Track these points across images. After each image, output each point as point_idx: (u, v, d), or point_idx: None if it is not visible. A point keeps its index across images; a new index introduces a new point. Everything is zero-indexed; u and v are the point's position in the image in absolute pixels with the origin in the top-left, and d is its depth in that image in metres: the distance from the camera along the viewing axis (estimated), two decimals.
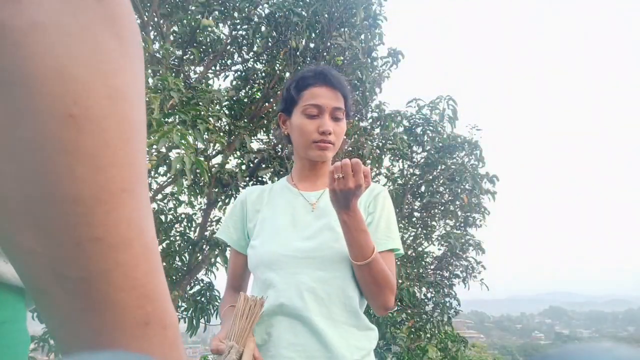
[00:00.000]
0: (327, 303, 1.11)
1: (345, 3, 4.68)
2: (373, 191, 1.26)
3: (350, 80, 5.01)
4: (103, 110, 0.25)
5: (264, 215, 1.24)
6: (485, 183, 6.19)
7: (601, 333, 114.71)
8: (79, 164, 0.24)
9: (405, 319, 6.00)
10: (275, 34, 4.83)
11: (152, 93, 3.50)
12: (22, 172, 0.23)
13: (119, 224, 0.26)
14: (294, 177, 1.31)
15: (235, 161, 5.27)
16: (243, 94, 5.38)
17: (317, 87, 1.20)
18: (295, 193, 1.26)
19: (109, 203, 0.25)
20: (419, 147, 6.24)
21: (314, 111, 1.19)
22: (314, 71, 1.23)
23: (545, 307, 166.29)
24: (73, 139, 0.24)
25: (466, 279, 6.30)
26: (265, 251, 1.16)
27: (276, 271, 1.13)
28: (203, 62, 5.17)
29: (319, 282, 1.11)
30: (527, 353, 53.88)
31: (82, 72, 0.24)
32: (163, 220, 4.88)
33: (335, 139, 1.20)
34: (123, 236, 0.26)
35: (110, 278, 0.26)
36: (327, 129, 1.17)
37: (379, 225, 1.21)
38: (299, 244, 1.14)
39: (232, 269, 1.32)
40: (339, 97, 1.21)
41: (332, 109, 1.19)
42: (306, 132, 1.20)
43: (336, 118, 1.21)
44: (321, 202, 1.23)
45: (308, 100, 1.20)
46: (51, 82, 0.23)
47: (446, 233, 6.27)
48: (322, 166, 1.27)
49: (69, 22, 0.24)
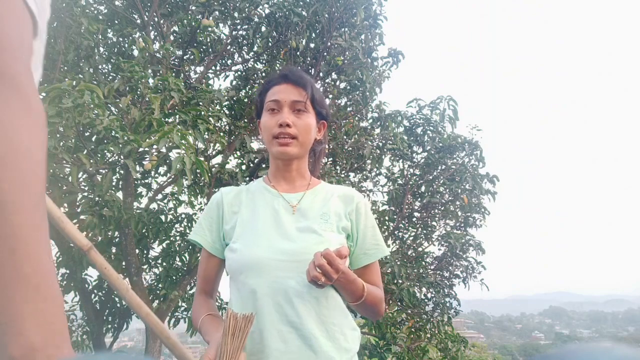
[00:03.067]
0: (315, 306, 1.10)
1: (346, 3, 4.68)
2: (353, 199, 1.26)
3: (351, 80, 5.01)
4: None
5: (243, 217, 1.21)
6: (485, 183, 6.20)
7: (601, 333, 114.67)
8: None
9: (405, 319, 6.00)
10: (275, 34, 4.83)
11: (152, 93, 3.50)
12: None
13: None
14: (270, 178, 1.28)
15: (236, 161, 5.27)
16: (243, 94, 5.38)
17: (278, 85, 1.22)
18: (274, 194, 1.24)
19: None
20: (419, 147, 6.25)
21: (274, 107, 1.20)
22: (278, 74, 1.26)
23: (545, 307, 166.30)
24: None
25: (466, 279, 6.30)
26: (249, 255, 1.13)
27: (261, 276, 1.10)
28: (203, 62, 5.17)
29: (306, 286, 1.09)
30: (527, 353, 53.88)
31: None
32: (163, 220, 4.88)
33: (297, 132, 1.19)
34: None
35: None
36: (284, 121, 1.17)
37: (365, 237, 1.23)
38: (282, 246, 1.12)
39: (204, 273, 1.26)
40: (300, 92, 1.21)
41: (290, 102, 1.20)
42: (267, 128, 1.20)
43: (297, 111, 1.20)
44: (302, 204, 1.21)
45: (269, 98, 1.22)
46: None
47: (446, 233, 6.27)
48: (297, 165, 1.25)
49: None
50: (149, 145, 3.15)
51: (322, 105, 1.26)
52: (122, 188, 4.45)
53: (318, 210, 1.21)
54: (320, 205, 1.22)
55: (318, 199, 1.24)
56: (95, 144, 3.42)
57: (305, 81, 1.22)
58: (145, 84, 3.62)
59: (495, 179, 6.24)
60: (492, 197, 6.25)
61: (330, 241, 1.14)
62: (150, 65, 4.36)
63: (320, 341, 1.07)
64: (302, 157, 1.25)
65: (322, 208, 1.21)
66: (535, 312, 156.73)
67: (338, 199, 1.25)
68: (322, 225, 1.17)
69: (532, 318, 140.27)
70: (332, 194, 1.26)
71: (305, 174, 1.28)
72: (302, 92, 1.21)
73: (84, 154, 3.34)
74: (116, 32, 4.76)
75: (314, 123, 1.23)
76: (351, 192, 1.28)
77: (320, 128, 1.29)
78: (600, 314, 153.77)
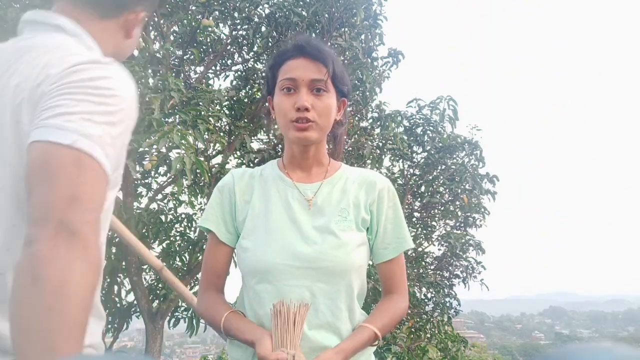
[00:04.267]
0: (329, 319, 1.02)
1: (346, 3, 4.68)
2: (375, 187, 1.13)
3: (351, 80, 5.01)
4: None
5: (255, 210, 1.11)
6: (485, 183, 6.20)
7: (601, 333, 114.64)
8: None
9: (406, 319, 6.00)
10: (275, 34, 4.83)
11: (152, 93, 3.50)
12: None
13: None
14: (285, 163, 1.16)
15: (236, 161, 5.27)
16: (243, 94, 5.38)
17: (294, 59, 1.07)
18: (289, 184, 1.12)
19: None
20: (419, 147, 6.25)
21: (290, 85, 1.05)
22: (292, 44, 1.09)
23: (545, 307, 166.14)
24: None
25: (466, 279, 6.30)
26: (260, 259, 1.04)
27: (272, 282, 1.03)
28: (203, 62, 5.17)
29: (320, 296, 1.02)
30: (527, 353, 53.88)
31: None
32: (163, 220, 4.88)
33: (316, 115, 1.05)
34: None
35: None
36: (302, 104, 1.03)
37: (386, 230, 1.13)
38: (297, 250, 1.04)
39: (213, 264, 1.14)
40: (319, 68, 1.05)
41: (309, 81, 1.04)
42: (282, 110, 1.06)
43: (318, 90, 1.05)
44: (318, 198, 1.10)
45: (283, 76, 1.07)
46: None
47: (446, 233, 6.28)
48: (314, 151, 1.12)
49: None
50: (149, 145, 3.15)
51: (343, 81, 1.11)
52: (122, 188, 4.45)
53: (336, 205, 1.10)
54: (338, 198, 1.11)
55: (336, 190, 1.13)
56: None
57: (325, 55, 1.06)
58: (145, 84, 3.62)
59: (495, 179, 6.24)
60: (492, 197, 6.25)
61: (348, 245, 1.06)
62: (150, 65, 4.36)
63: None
64: (321, 142, 1.13)
65: (340, 202, 1.11)
66: (535, 312, 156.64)
67: (358, 187, 1.13)
68: (340, 224, 1.07)
69: (532, 318, 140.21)
70: (352, 182, 1.14)
71: (322, 159, 1.15)
72: (322, 69, 1.05)
73: None
74: None
75: (334, 103, 1.09)
76: (373, 178, 1.15)
77: (340, 107, 1.14)
78: (600, 314, 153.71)
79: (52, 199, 0.60)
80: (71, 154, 0.63)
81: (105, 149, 0.67)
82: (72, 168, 0.63)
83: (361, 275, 1.10)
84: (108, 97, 0.70)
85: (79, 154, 0.63)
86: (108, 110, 0.69)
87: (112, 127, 0.69)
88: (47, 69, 0.70)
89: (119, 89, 0.72)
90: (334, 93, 1.09)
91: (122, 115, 0.71)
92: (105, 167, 0.66)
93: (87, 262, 0.59)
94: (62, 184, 0.61)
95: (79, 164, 0.63)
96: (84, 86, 0.69)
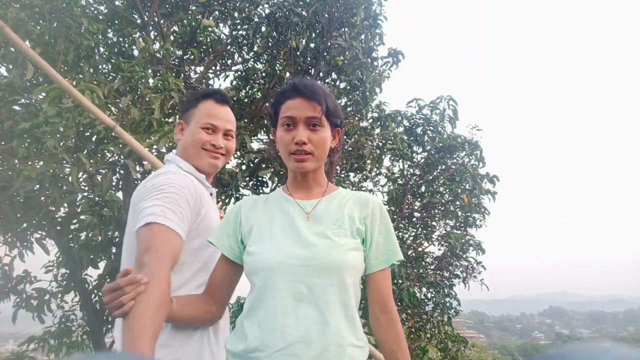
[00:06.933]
0: (324, 311, 1.11)
1: (346, 3, 4.68)
2: (368, 204, 1.27)
3: (351, 80, 5.01)
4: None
5: (260, 222, 1.26)
6: (485, 183, 6.20)
7: (601, 333, 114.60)
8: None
9: (405, 319, 6.00)
10: (275, 34, 4.83)
11: (152, 93, 3.50)
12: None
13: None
14: (289, 187, 1.32)
15: (236, 161, 5.27)
16: (243, 94, 5.38)
17: (291, 99, 1.23)
18: (290, 201, 1.28)
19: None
20: (419, 147, 6.25)
21: (289, 122, 1.22)
22: (290, 84, 1.26)
23: (545, 307, 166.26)
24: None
25: (466, 279, 6.30)
26: (263, 259, 1.17)
27: (273, 279, 1.14)
28: (203, 62, 5.17)
29: (316, 289, 1.12)
30: (527, 353, 53.88)
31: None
32: None
33: (313, 148, 1.22)
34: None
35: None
36: (300, 139, 1.20)
37: (378, 243, 1.24)
38: (295, 251, 1.16)
39: (211, 274, 1.30)
40: (314, 107, 1.21)
41: (305, 118, 1.21)
42: (283, 144, 1.23)
43: (314, 125, 1.22)
44: (316, 211, 1.25)
45: (283, 114, 1.23)
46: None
47: (446, 233, 6.27)
48: (313, 175, 1.29)
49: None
50: (149, 146, 3.15)
51: (336, 114, 1.27)
52: (122, 188, 4.45)
53: (332, 216, 1.23)
54: (334, 211, 1.25)
55: (333, 205, 1.27)
56: (95, 144, 3.42)
57: (318, 94, 1.22)
58: (145, 84, 3.62)
59: (495, 179, 6.24)
60: (492, 197, 6.25)
61: (343, 246, 1.17)
62: (150, 65, 4.37)
63: (326, 342, 1.11)
64: (319, 168, 1.30)
65: (336, 214, 1.24)
66: (535, 312, 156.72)
67: (353, 204, 1.27)
68: (335, 231, 1.20)
69: (532, 318, 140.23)
70: (347, 200, 1.29)
71: (321, 180, 1.32)
72: (316, 107, 1.21)
73: (84, 154, 3.34)
74: (116, 32, 4.75)
75: (329, 135, 1.26)
76: (367, 197, 1.30)
77: (335, 136, 1.31)
78: (600, 314, 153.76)
79: (139, 250, 1.16)
80: (146, 227, 1.18)
81: (166, 214, 1.21)
82: (147, 233, 1.17)
83: (355, 277, 1.19)
84: (161, 186, 1.28)
85: (150, 225, 1.18)
86: (162, 194, 1.26)
87: (166, 201, 1.24)
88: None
89: (168, 179, 1.31)
90: (328, 126, 1.26)
91: (171, 190, 1.27)
92: (168, 224, 1.19)
93: (156, 292, 1.05)
94: (141, 242, 1.17)
95: (150, 230, 1.18)
96: (150, 187, 1.30)
